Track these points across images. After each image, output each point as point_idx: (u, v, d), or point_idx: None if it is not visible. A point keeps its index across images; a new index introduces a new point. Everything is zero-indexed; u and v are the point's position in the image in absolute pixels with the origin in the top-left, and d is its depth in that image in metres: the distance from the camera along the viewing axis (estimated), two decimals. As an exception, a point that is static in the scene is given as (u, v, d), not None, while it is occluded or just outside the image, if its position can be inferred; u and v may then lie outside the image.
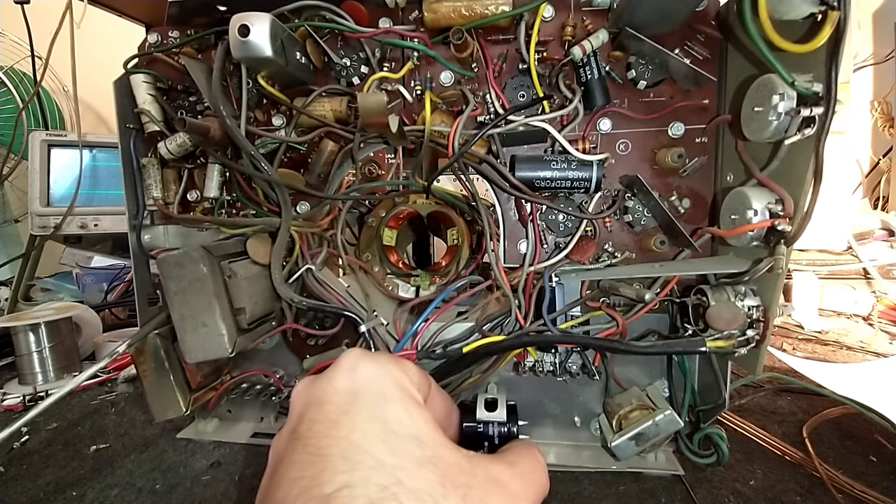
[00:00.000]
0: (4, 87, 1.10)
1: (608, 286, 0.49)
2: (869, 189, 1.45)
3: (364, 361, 0.25)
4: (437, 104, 0.50)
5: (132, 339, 0.48)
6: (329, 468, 0.20)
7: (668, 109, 0.48)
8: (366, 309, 0.53)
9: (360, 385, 0.24)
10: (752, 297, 0.43)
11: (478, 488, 0.22)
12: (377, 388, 0.24)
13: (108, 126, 1.34)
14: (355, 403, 0.23)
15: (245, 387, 0.57)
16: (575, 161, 0.47)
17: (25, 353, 0.74)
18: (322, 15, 0.48)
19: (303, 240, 0.51)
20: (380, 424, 0.22)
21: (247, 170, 0.49)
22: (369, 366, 0.25)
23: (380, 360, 0.26)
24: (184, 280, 0.43)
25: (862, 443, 0.56)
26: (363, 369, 0.25)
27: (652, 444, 0.47)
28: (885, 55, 1.39)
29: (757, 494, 0.48)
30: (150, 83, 0.53)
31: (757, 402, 0.66)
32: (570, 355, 0.52)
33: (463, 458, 0.23)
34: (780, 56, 0.35)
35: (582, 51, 0.45)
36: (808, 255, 1.12)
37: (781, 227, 0.39)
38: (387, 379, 0.25)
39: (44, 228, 0.97)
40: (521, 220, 0.52)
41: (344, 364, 0.25)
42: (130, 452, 0.56)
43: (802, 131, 0.37)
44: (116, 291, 1.07)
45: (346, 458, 0.21)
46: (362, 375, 0.25)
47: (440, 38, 0.49)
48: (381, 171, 0.53)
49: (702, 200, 0.50)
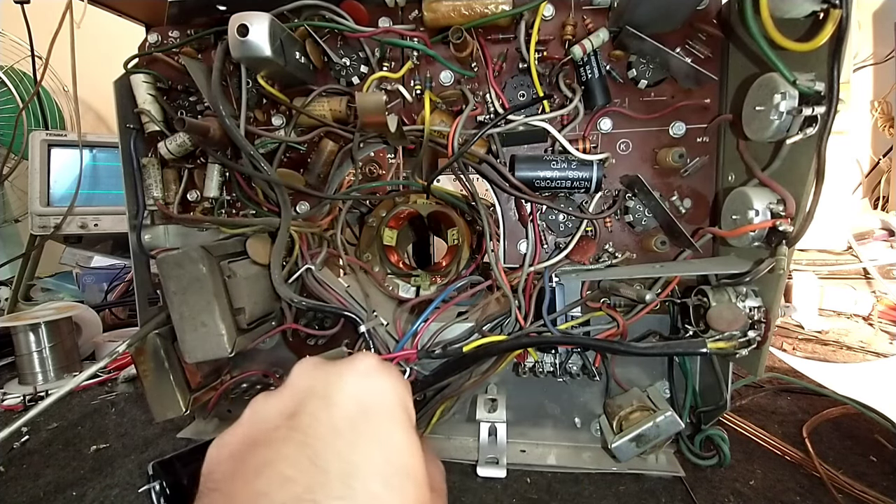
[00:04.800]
0: (4, 87, 1.09)
1: (609, 287, 0.49)
2: (869, 189, 1.44)
3: (379, 372, 0.24)
4: (437, 104, 0.50)
5: (132, 339, 0.48)
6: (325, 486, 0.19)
7: (669, 109, 0.48)
8: (366, 309, 0.53)
9: (371, 398, 0.23)
10: (753, 297, 0.43)
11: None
12: (387, 408, 0.23)
13: (108, 126, 1.34)
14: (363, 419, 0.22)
15: (245, 386, 0.57)
16: (575, 161, 0.47)
17: (25, 353, 0.74)
18: (321, 14, 0.48)
19: (302, 240, 0.51)
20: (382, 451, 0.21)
21: (246, 170, 0.49)
22: (383, 379, 0.24)
23: (392, 374, 0.25)
24: (183, 280, 0.43)
25: (862, 443, 0.56)
26: (377, 380, 0.24)
27: (653, 446, 0.47)
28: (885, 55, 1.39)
29: (757, 494, 0.48)
30: (150, 83, 0.53)
31: (757, 402, 0.66)
32: (570, 356, 0.52)
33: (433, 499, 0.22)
34: (781, 55, 0.35)
35: (582, 50, 0.45)
36: (809, 255, 1.12)
37: (783, 228, 0.39)
38: (396, 398, 0.24)
39: (44, 228, 0.97)
40: (521, 220, 0.52)
41: (358, 367, 0.24)
42: (130, 452, 0.56)
43: (804, 131, 0.36)
44: (116, 291, 1.07)
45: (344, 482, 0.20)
46: (375, 387, 0.24)
47: (440, 37, 0.48)
48: (382, 171, 0.53)
49: (703, 200, 0.50)
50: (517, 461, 0.52)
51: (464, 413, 0.57)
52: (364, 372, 0.24)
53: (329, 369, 0.24)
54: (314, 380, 0.24)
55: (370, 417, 0.22)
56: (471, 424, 0.55)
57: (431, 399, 0.52)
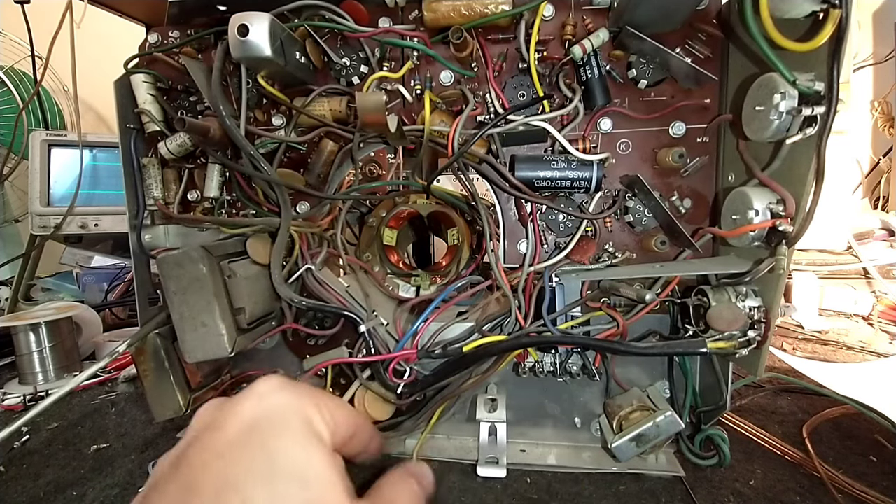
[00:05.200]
0: (4, 87, 1.09)
1: (608, 286, 0.49)
2: (869, 189, 1.44)
3: (277, 391, 0.24)
4: (437, 104, 0.50)
5: (132, 339, 0.48)
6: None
7: (669, 109, 0.48)
8: (366, 309, 0.53)
9: (263, 414, 0.23)
10: (753, 297, 0.43)
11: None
12: (279, 420, 0.23)
13: (108, 126, 1.34)
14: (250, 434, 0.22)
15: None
16: (575, 161, 0.47)
17: (26, 353, 0.74)
18: (322, 14, 0.48)
19: (303, 240, 0.51)
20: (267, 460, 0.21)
21: (246, 170, 0.49)
22: (280, 396, 0.24)
23: (295, 391, 0.24)
24: (183, 280, 0.43)
25: (862, 443, 0.56)
26: (272, 398, 0.24)
27: (653, 446, 0.47)
28: (885, 55, 1.39)
29: (757, 494, 0.48)
30: (151, 83, 0.53)
31: (757, 402, 0.66)
32: (570, 356, 0.52)
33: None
34: (781, 55, 0.35)
35: (582, 50, 0.45)
36: (808, 255, 1.12)
37: (783, 228, 0.39)
38: (293, 412, 0.23)
39: (44, 228, 0.97)
40: (521, 220, 0.52)
41: (255, 390, 0.24)
42: (131, 452, 0.56)
43: (804, 130, 0.36)
44: (116, 291, 1.07)
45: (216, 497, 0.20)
46: (269, 404, 0.23)
47: (440, 37, 0.48)
48: (382, 171, 0.53)
49: (703, 200, 0.50)
50: (517, 461, 0.52)
51: (464, 413, 0.57)
52: (257, 395, 0.24)
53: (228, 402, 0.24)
54: (211, 416, 0.24)
55: (256, 432, 0.22)
56: (471, 424, 0.55)
57: (431, 399, 0.52)
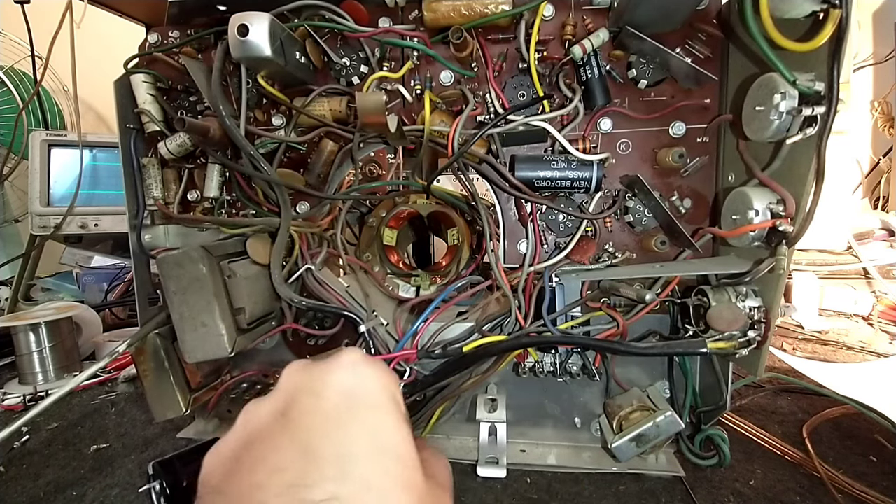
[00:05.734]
0: (4, 87, 1.09)
1: (608, 286, 0.49)
2: (869, 189, 1.44)
3: (364, 364, 0.25)
4: (437, 104, 0.50)
5: (132, 339, 0.48)
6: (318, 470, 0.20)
7: (669, 109, 0.48)
8: (366, 309, 0.53)
9: (359, 388, 0.24)
10: (753, 297, 0.43)
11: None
12: (374, 396, 0.24)
13: (108, 126, 1.34)
14: (353, 408, 0.23)
15: (245, 386, 0.57)
16: (575, 161, 0.47)
17: (26, 353, 0.74)
18: (322, 14, 0.48)
19: (302, 240, 0.51)
20: (371, 436, 0.22)
21: (246, 170, 0.49)
22: (369, 370, 0.25)
23: (377, 365, 0.26)
24: (183, 280, 0.43)
25: (862, 443, 0.56)
26: (364, 371, 0.24)
27: (653, 446, 0.47)
28: (885, 55, 1.39)
29: (757, 494, 0.48)
30: (151, 83, 0.53)
31: (757, 402, 0.66)
32: (570, 356, 0.52)
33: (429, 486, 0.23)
34: (781, 55, 0.35)
35: (582, 50, 0.45)
36: (808, 255, 1.12)
37: (783, 228, 0.39)
38: (382, 387, 0.24)
39: (44, 228, 0.97)
40: (521, 220, 0.52)
41: (344, 361, 0.25)
42: (131, 452, 0.56)
43: (804, 131, 0.36)
44: (116, 291, 1.07)
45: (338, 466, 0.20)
46: (363, 378, 0.24)
47: (440, 37, 0.48)
48: (382, 171, 0.53)
49: (703, 200, 0.50)
50: (517, 461, 0.52)
51: (464, 413, 0.57)
52: (349, 365, 0.25)
53: (315, 367, 0.25)
54: (302, 378, 0.25)
55: (358, 406, 0.23)
56: (471, 424, 0.55)
57: (431, 399, 0.52)
